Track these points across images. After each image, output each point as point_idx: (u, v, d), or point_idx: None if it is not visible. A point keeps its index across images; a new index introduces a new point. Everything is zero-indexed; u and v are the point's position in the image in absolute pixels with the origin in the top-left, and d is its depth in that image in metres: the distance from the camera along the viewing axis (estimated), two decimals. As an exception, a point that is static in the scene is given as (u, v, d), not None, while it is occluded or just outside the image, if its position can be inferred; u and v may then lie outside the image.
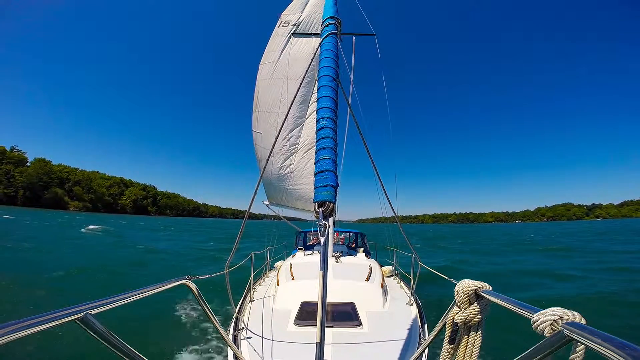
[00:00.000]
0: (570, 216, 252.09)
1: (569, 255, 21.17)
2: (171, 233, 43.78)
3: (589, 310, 8.13)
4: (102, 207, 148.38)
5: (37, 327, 1.02)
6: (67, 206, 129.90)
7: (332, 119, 2.90)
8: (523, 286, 11.94)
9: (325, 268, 2.21)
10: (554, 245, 30.35)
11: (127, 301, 1.48)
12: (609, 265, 15.66)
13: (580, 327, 0.95)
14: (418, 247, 6.96)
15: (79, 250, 18.83)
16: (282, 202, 9.82)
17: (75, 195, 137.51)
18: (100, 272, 12.38)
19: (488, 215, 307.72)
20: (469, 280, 1.69)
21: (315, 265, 4.02)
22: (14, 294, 8.64)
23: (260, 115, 9.30)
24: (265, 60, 9.11)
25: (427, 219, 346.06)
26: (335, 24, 3.61)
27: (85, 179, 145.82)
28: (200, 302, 2.25)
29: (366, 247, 8.98)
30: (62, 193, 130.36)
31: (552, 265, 16.60)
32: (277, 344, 3.30)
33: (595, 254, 21.26)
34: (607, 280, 12.06)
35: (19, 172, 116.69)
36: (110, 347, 1.33)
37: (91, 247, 20.96)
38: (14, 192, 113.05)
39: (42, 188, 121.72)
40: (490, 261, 19.75)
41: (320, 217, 2.38)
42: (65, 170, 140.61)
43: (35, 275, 10.97)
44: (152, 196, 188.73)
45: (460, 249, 29.00)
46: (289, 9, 8.97)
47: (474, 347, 1.58)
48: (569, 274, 13.68)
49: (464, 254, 24.27)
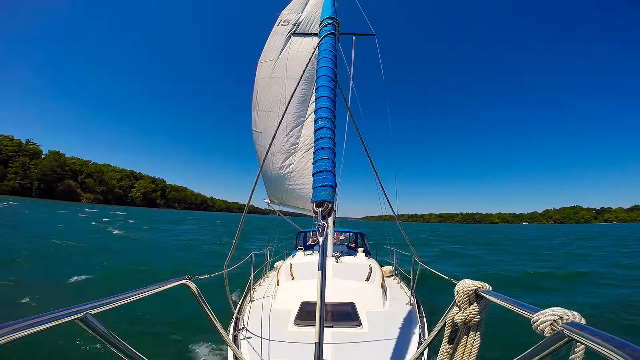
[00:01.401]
0: (579, 219, 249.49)
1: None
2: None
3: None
4: (112, 200, 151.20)
5: (37, 327, 1.03)
6: (80, 198, 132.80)
7: (330, 119, 2.90)
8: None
9: (324, 268, 2.22)
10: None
11: (127, 301, 1.48)
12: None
13: (580, 327, 0.96)
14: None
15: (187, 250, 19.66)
16: (283, 201, 9.82)
17: (88, 187, 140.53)
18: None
19: (495, 216, 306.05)
20: (469, 280, 1.70)
21: (315, 265, 3.98)
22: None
23: (260, 114, 9.29)
24: (263, 59, 9.06)
25: (434, 218, 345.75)
26: (333, 24, 3.62)
27: (97, 172, 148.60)
28: (200, 302, 2.24)
29: (366, 247, 8.98)
30: (75, 185, 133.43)
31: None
32: (277, 344, 3.31)
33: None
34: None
35: (34, 164, 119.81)
36: (110, 347, 1.34)
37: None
38: (29, 183, 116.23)
39: (55, 180, 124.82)
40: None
41: (319, 217, 2.39)
42: (78, 163, 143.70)
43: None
44: (161, 189, 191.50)
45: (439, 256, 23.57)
46: (289, 9, 8.91)
47: (473, 347, 1.59)
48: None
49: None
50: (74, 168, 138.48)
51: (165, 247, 20.17)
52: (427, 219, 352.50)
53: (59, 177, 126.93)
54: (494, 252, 26.27)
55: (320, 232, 2.28)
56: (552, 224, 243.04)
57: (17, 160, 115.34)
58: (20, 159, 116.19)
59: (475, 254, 24.09)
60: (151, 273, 11.75)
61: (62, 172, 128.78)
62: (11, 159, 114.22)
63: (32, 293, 8.06)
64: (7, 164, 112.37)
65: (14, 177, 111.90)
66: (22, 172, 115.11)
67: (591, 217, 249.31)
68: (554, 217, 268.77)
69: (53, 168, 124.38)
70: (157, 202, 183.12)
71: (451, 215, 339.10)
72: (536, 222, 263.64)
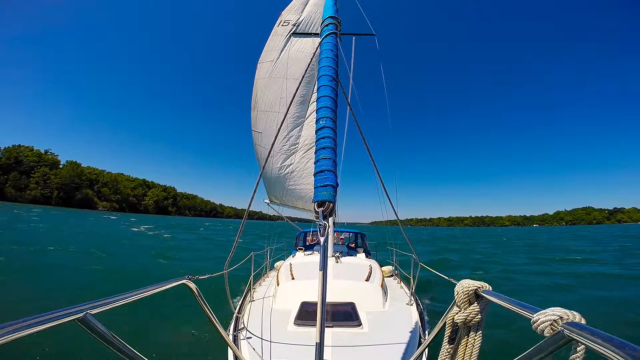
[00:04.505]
0: (591, 220, 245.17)
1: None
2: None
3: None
4: (127, 207, 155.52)
5: (37, 327, 1.02)
6: (97, 206, 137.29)
7: (331, 119, 2.90)
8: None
9: (325, 268, 2.22)
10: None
11: (127, 301, 1.49)
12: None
13: (581, 327, 0.96)
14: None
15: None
16: (283, 201, 9.81)
17: (104, 196, 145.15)
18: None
19: (505, 219, 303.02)
20: (469, 280, 1.70)
21: (315, 265, 4.01)
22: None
23: (260, 115, 9.27)
24: (263, 59, 9.04)
25: (443, 222, 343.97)
26: (335, 24, 3.62)
27: (112, 181, 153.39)
28: (200, 302, 2.24)
29: (366, 247, 9.01)
30: (92, 194, 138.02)
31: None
32: (277, 344, 3.31)
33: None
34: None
35: (54, 174, 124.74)
36: (110, 347, 1.33)
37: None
38: (49, 192, 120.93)
39: (73, 189, 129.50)
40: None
41: (320, 217, 2.40)
42: (94, 173, 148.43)
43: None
44: (172, 197, 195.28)
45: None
46: (289, 9, 8.89)
47: (474, 347, 1.59)
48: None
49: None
50: (90, 177, 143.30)
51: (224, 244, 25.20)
52: (436, 223, 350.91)
53: (77, 186, 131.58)
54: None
55: (322, 232, 2.29)
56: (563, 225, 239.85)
57: (39, 170, 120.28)
58: (41, 169, 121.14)
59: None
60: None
61: (79, 182, 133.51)
62: (33, 169, 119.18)
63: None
64: (29, 174, 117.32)
65: (35, 187, 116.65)
66: (43, 182, 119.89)
67: (604, 218, 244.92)
68: (565, 218, 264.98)
69: (72, 178, 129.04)
70: (169, 210, 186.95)
71: (461, 218, 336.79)
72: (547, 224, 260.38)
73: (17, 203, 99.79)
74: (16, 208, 69.90)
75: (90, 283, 10.35)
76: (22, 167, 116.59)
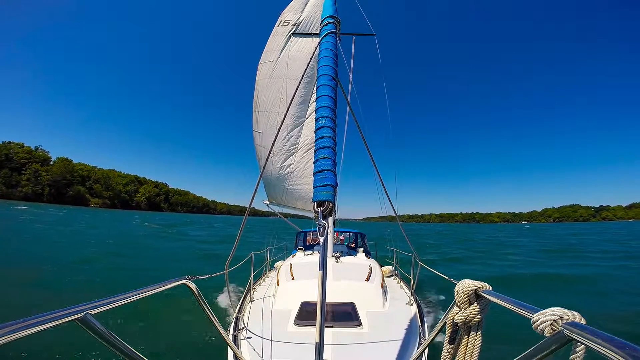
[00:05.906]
0: (577, 217, 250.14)
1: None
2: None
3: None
4: (119, 204, 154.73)
5: (37, 327, 1.02)
6: (89, 203, 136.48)
7: (331, 119, 2.90)
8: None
9: (325, 268, 2.23)
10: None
11: (127, 301, 1.48)
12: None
13: (581, 327, 0.96)
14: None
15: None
16: (282, 201, 9.77)
17: (95, 192, 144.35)
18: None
19: (494, 216, 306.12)
20: (469, 280, 1.70)
21: (315, 265, 4.02)
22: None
23: (260, 115, 9.28)
24: (264, 59, 9.07)
25: (434, 219, 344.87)
26: (334, 23, 3.62)
27: (103, 177, 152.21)
28: (200, 302, 2.24)
29: (366, 247, 9.03)
30: (84, 190, 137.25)
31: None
32: (277, 344, 3.31)
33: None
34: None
35: (45, 170, 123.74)
36: (110, 347, 1.34)
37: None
38: (40, 189, 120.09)
39: (65, 186, 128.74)
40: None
41: (320, 217, 2.40)
42: (86, 169, 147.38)
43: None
44: (164, 193, 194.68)
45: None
46: (289, 9, 8.91)
47: (475, 347, 1.60)
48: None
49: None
50: (82, 174, 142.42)
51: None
52: (427, 219, 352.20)
53: (69, 182, 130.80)
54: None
55: (321, 232, 2.30)
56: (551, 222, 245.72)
57: (30, 167, 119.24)
58: (32, 165, 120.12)
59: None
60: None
61: (71, 178, 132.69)
62: (24, 166, 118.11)
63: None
64: (19, 171, 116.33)
65: (27, 184, 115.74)
66: (34, 179, 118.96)
67: (590, 216, 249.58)
68: (552, 215, 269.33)
69: (63, 174, 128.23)
70: (161, 206, 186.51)
71: (451, 215, 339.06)
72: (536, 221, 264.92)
73: (8, 200, 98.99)
74: (19, 205, 69.74)
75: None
76: (13, 163, 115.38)
